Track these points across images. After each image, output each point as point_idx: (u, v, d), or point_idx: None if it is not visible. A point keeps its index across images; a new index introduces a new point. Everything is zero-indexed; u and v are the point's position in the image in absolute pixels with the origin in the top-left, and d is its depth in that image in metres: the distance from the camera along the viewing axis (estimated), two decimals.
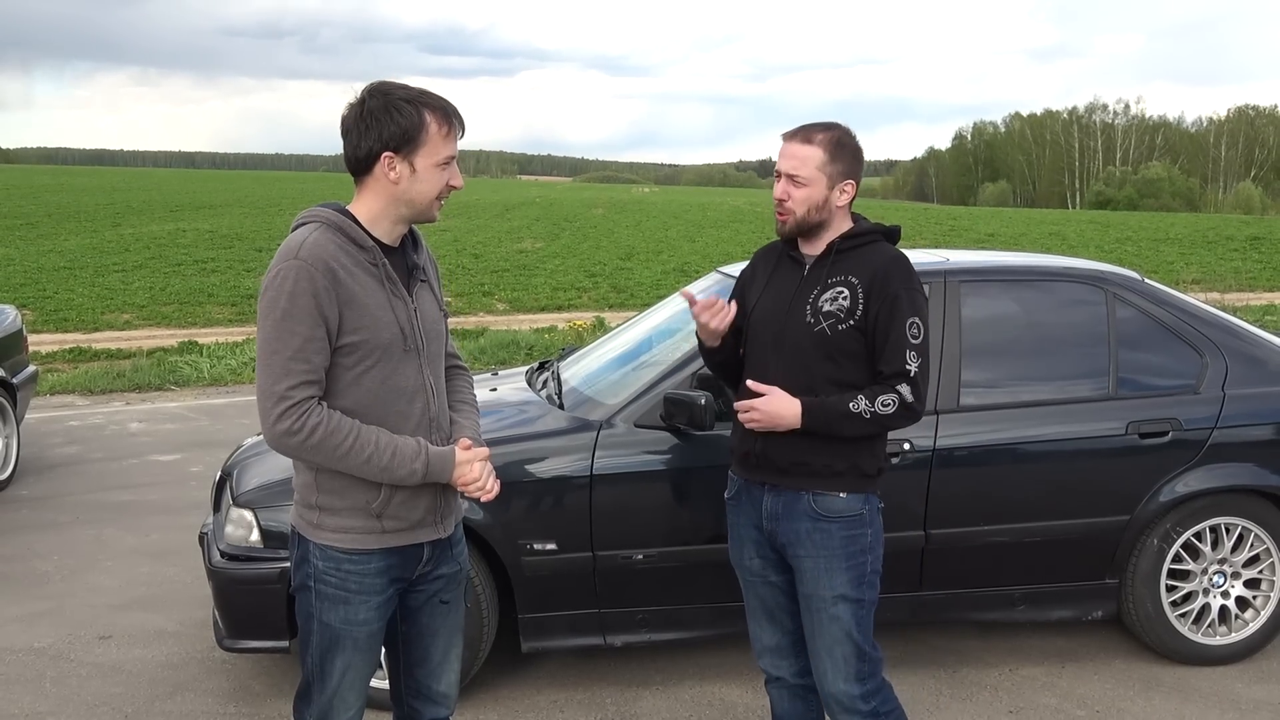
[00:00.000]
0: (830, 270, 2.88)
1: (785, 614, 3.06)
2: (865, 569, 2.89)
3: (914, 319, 2.80)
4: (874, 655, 2.93)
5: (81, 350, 13.11)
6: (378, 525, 2.48)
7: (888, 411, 2.78)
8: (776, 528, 2.94)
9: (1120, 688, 4.13)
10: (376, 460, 2.39)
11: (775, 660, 3.11)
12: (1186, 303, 4.41)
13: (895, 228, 3.01)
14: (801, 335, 2.86)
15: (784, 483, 2.90)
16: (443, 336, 2.64)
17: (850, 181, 2.89)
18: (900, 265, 2.87)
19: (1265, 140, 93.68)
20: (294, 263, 2.34)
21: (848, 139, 2.89)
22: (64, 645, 4.58)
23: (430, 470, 2.45)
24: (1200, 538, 4.22)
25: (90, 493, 6.77)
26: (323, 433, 2.34)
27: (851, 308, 2.82)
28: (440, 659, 2.75)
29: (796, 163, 2.86)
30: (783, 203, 2.91)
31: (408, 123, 2.38)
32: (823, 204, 2.87)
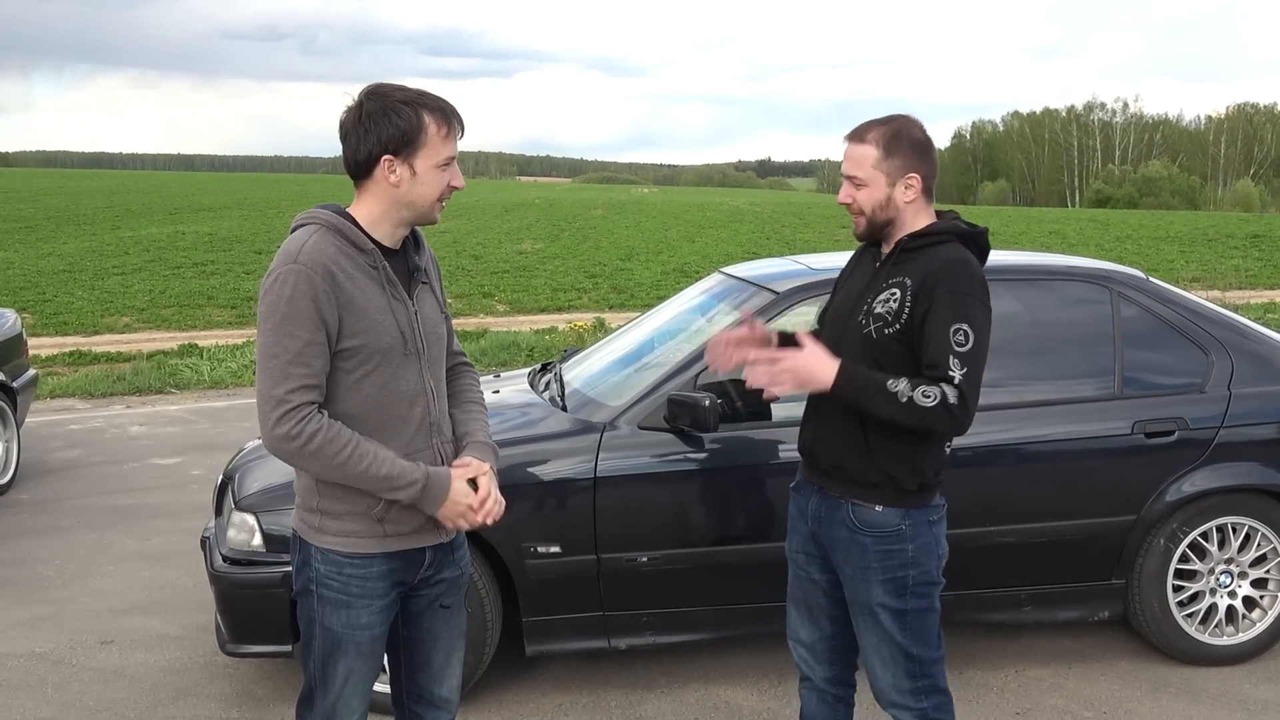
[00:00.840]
0: (890, 270, 2.77)
1: (823, 615, 2.98)
2: (907, 581, 2.77)
3: (960, 325, 2.62)
4: (926, 656, 2.82)
5: (81, 353, 13.07)
6: (380, 529, 2.46)
7: (927, 405, 2.58)
8: (819, 530, 2.88)
9: (1127, 689, 4.11)
10: (374, 471, 2.36)
11: (808, 659, 3.04)
12: (1191, 301, 4.39)
13: (980, 230, 2.82)
14: (855, 337, 2.76)
15: (825, 485, 2.84)
16: (443, 339, 2.62)
17: (913, 175, 2.73)
18: (955, 267, 2.68)
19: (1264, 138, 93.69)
20: (293, 266, 2.32)
21: (906, 130, 2.74)
22: (65, 650, 4.56)
23: (426, 492, 2.41)
24: (1207, 537, 4.20)
25: (91, 497, 6.74)
26: (321, 439, 2.33)
27: (898, 311, 2.69)
28: (442, 663, 2.73)
29: (852, 164, 2.76)
30: (849, 206, 2.80)
31: (406, 125, 2.36)
32: (886, 202, 2.74)
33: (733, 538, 3.99)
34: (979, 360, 2.64)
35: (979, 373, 2.64)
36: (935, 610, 2.85)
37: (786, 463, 3.96)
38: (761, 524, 4.00)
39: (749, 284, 4.48)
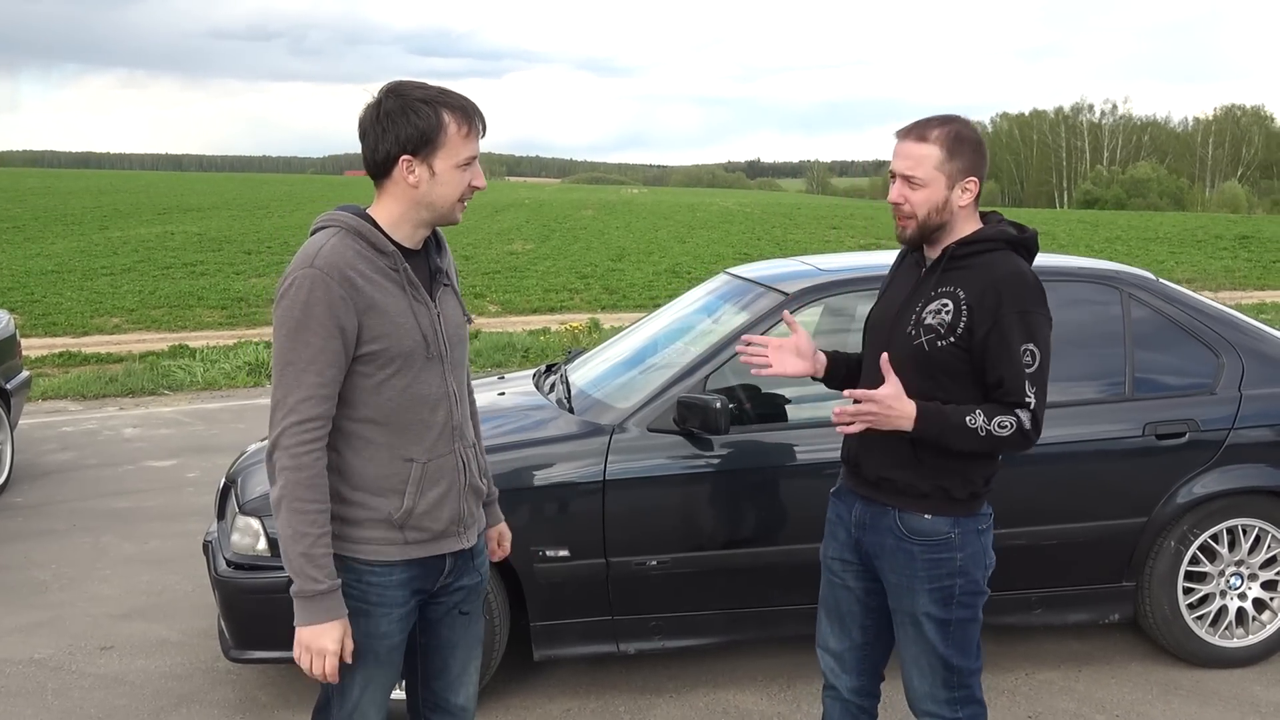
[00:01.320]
0: (940, 279, 2.68)
1: (855, 624, 2.92)
2: (954, 591, 2.72)
3: (1028, 345, 2.57)
4: (966, 666, 2.77)
5: (71, 354, 12.97)
6: (400, 536, 2.42)
7: (1003, 434, 2.56)
8: (863, 537, 2.82)
9: (1138, 691, 4.09)
10: (310, 544, 2.27)
11: (835, 668, 2.98)
12: (1201, 302, 4.37)
13: (1029, 235, 2.73)
14: (903, 347, 2.67)
15: (870, 495, 2.78)
16: (465, 342, 2.58)
17: (972, 179, 2.66)
18: (1016, 282, 2.61)
19: (1251, 139, 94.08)
20: (309, 271, 2.27)
21: (967, 131, 2.66)
22: (65, 656, 4.50)
23: (316, 600, 2.28)
24: (1217, 539, 4.19)
25: (86, 499, 6.68)
26: (308, 476, 2.27)
27: (953, 324, 2.61)
28: (459, 671, 2.69)
29: (912, 163, 2.64)
30: (899, 207, 2.69)
31: (425, 124, 2.31)
32: (943, 205, 2.65)
33: (743, 541, 3.95)
34: (1046, 374, 2.62)
35: (1046, 386, 2.62)
36: (978, 620, 2.79)
37: (799, 465, 3.94)
38: (772, 527, 3.97)
39: (756, 285, 4.44)
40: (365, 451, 2.38)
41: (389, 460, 2.39)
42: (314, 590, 2.29)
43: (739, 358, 3.00)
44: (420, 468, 2.42)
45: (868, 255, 5.11)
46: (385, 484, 2.39)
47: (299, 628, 2.32)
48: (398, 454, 2.39)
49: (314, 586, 2.29)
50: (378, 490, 2.39)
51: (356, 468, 2.38)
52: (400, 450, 2.40)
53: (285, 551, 2.30)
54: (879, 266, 4.51)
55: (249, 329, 15.72)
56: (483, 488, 2.63)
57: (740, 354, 2.94)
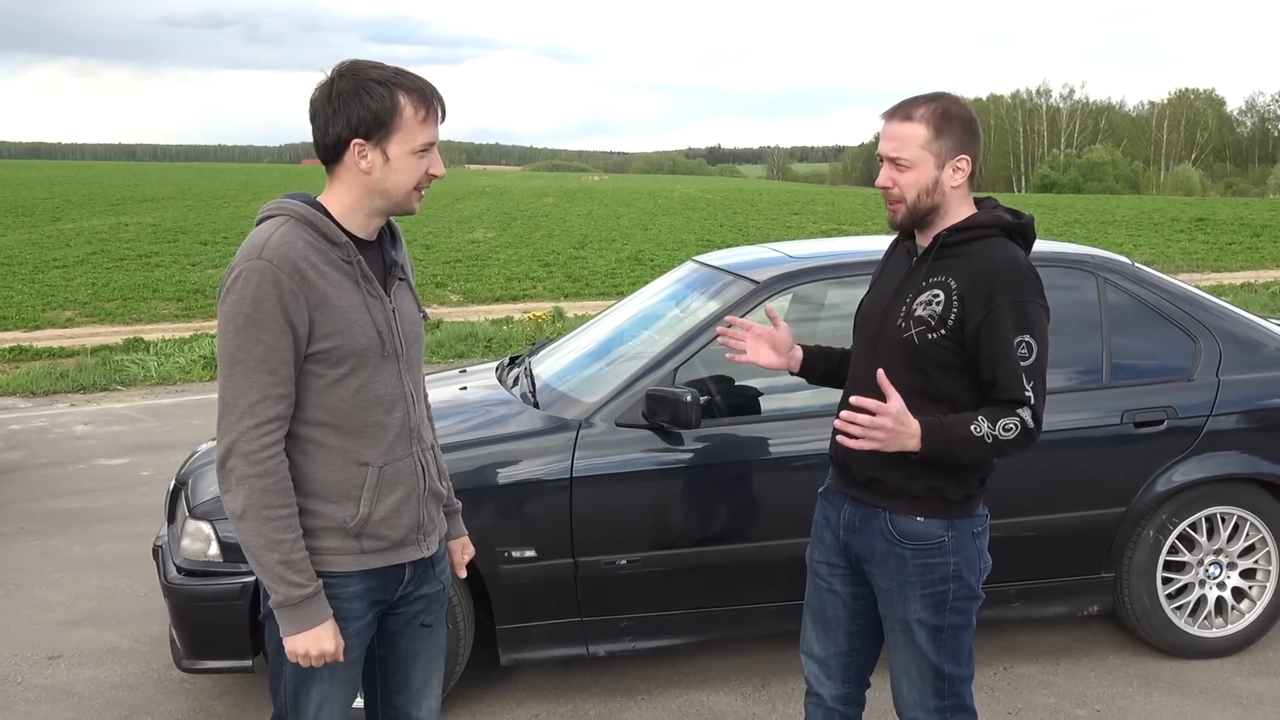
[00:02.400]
0: (931, 268, 2.54)
1: (841, 630, 2.80)
2: (947, 596, 2.60)
3: (1023, 337, 2.44)
4: (957, 674, 2.66)
5: (22, 349, 12.65)
6: (356, 545, 2.27)
7: (1009, 437, 2.44)
8: (852, 540, 2.69)
9: (1118, 684, 4.02)
10: (285, 549, 2.15)
11: (818, 674, 2.85)
12: (1177, 286, 4.29)
13: (1024, 221, 2.59)
14: (893, 340, 2.55)
15: (860, 496, 2.65)
16: (422, 339, 2.43)
17: (964, 157, 2.51)
18: (1009, 271, 2.47)
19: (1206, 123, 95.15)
20: (256, 263, 2.11)
21: (955, 108, 2.52)
22: (9, 667, 4.31)
23: (304, 605, 2.18)
24: (1196, 528, 4.12)
25: (35, 500, 6.46)
26: (274, 482, 2.14)
27: (944, 315, 2.48)
28: (420, 684, 2.55)
29: (898, 144, 2.51)
30: (889, 190, 2.56)
31: (379, 106, 2.15)
32: (933, 187, 2.51)
33: (715, 538, 3.83)
34: (1044, 366, 2.50)
35: (1044, 379, 2.51)
36: (971, 626, 2.68)
37: (772, 459, 3.82)
38: (745, 523, 3.85)
39: (726, 273, 4.32)
40: (316, 456, 2.23)
41: (342, 465, 2.25)
42: (300, 596, 2.18)
43: (717, 340, 2.89)
44: (376, 472, 2.27)
45: (838, 242, 5.00)
46: (339, 490, 2.25)
47: (290, 638, 2.20)
48: (352, 458, 2.25)
49: (299, 592, 2.18)
50: (331, 497, 2.25)
51: (307, 473, 2.23)
52: (354, 454, 2.25)
53: (260, 563, 2.16)
54: (849, 254, 4.42)
55: (205, 321, 15.42)
56: (443, 491, 2.49)
57: (719, 335, 2.84)
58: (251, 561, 2.19)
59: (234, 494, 2.15)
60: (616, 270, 21.17)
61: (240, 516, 2.15)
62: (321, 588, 2.21)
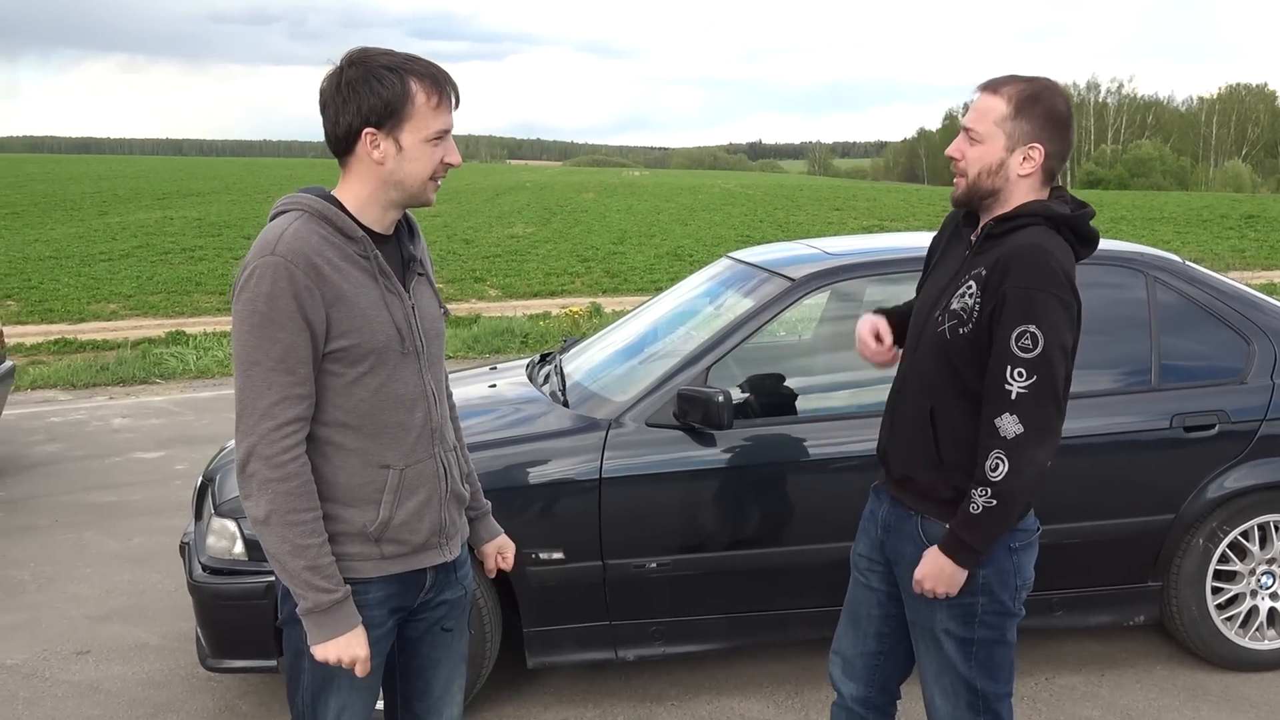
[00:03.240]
0: (971, 261, 2.43)
1: (872, 630, 2.71)
2: (975, 609, 2.49)
3: (1026, 327, 2.28)
4: (991, 690, 2.54)
5: (67, 341, 12.76)
6: (376, 550, 2.20)
7: (1000, 476, 2.30)
8: (887, 540, 2.62)
9: (1165, 697, 3.88)
10: (312, 554, 2.08)
11: (843, 673, 2.77)
12: (1230, 286, 4.15)
13: (1078, 214, 2.42)
14: (931, 335, 2.46)
15: (900, 497, 2.57)
16: (443, 336, 2.35)
17: (1036, 146, 2.36)
18: (1027, 256, 2.31)
19: (1258, 118, 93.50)
20: (271, 259, 2.04)
21: (1046, 94, 2.37)
22: (39, 662, 4.30)
23: (333, 611, 2.11)
24: (1248, 536, 3.98)
25: (71, 493, 6.48)
26: (297, 485, 2.07)
27: (972, 306, 2.37)
28: (442, 692, 2.48)
29: (977, 115, 2.39)
30: (956, 162, 2.43)
31: (390, 93, 2.07)
32: (997, 168, 2.38)
33: (747, 541, 3.74)
34: (1052, 362, 2.30)
35: (1052, 378, 2.31)
36: (1007, 643, 2.56)
37: (806, 461, 3.73)
38: (778, 527, 3.76)
39: (761, 270, 4.22)
40: (336, 459, 2.16)
41: (363, 468, 2.17)
42: (329, 602, 2.11)
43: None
44: (397, 474, 2.20)
45: (876, 238, 4.89)
46: (358, 494, 2.18)
47: (320, 646, 2.13)
48: (372, 460, 2.18)
49: (328, 598, 2.10)
50: (350, 501, 2.17)
51: (326, 476, 2.16)
52: (375, 456, 2.18)
53: (285, 569, 2.10)
54: (887, 250, 4.31)
55: None
56: (465, 494, 2.41)
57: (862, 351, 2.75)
58: (276, 568, 2.12)
59: (256, 499, 2.08)
60: (655, 266, 21.08)
61: (263, 522, 2.08)
62: (350, 593, 2.14)
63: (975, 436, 2.39)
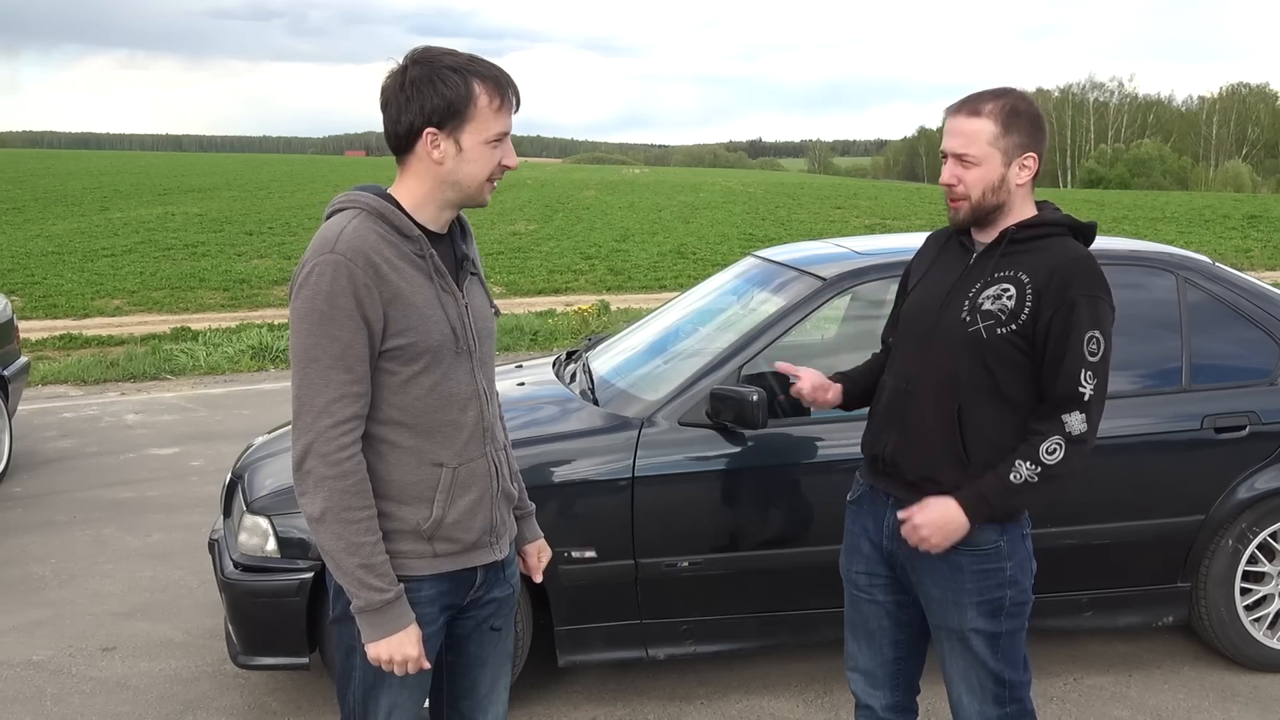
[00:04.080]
0: (999, 263, 2.49)
1: (886, 639, 2.73)
2: (1004, 602, 2.54)
3: (1094, 332, 2.40)
4: (1016, 679, 2.59)
5: (72, 337, 12.76)
6: (429, 549, 2.20)
7: (1056, 460, 2.40)
8: (898, 548, 2.61)
9: (1194, 698, 3.89)
10: (366, 552, 2.09)
11: (867, 687, 2.79)
12: (1260, 287, 4.15)
13: (1090, 224, 2.57)
14: (955, 334, 2.49)
15: (909, 499, 2.55)
16: (494, 335, 2.35)
17: (1030, 155, 2.48)
18: (1085, 266, 2.44)
19: (1258, 118, 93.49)
20: (331, 257, 2.04)
21: (1023, 105, 2.48)
22: (64, 658, 4.30)
23: (385, 610, 2.11)
24: (1276, 537, 3.98)
25: (87, 489, 6.47)
26: (354, 483, 2.08)
27: (1016, 310, 2.43)
28: (487, 690, 2.49)
29: (965, 140, 2.46)
30: (953, 188, 2.50)
31: (454, 94, 2.08)
32: (999, 184, 2.47)
33: (779, 541, 3.74)
34: (1107, 365, 2.45)
35: (1106, 378, 2.45)
36: (1025, 629, 2.61)
37: (839, 460, 3.71)
38: (810, 526, 3.75)
39: (789, 269, 4.22)
40: (390, 456, 2.16)
41: (416, 466, 2.18)
42: (382, 601, 2.11)
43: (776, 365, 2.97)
44: (450, 473, 2.20)
45: (902, 238, 4.88)
46: (412, 492, 2.18)
47: (373, 644, 2.14)
48: (426, 459, 2.18)
49: (381, 597, 2.11)
50: (404, 499, 2.18)
51: (381, 474, 2.16)
52: (429, 454, 2.18)
53: (340, 568, 2.10)
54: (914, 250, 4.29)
55: (251, 311, 15.50)
56: (514, 493, 2.42)
57: (780, 369, 2.92)
58: (331, 566, 2.12)
59: (312, 496, 2.08)
60: (659, 264, 21.07)
61: (319, 520, 2.09)
62: (403, 592, 2.15)
63: (1002, 435, 2.47)
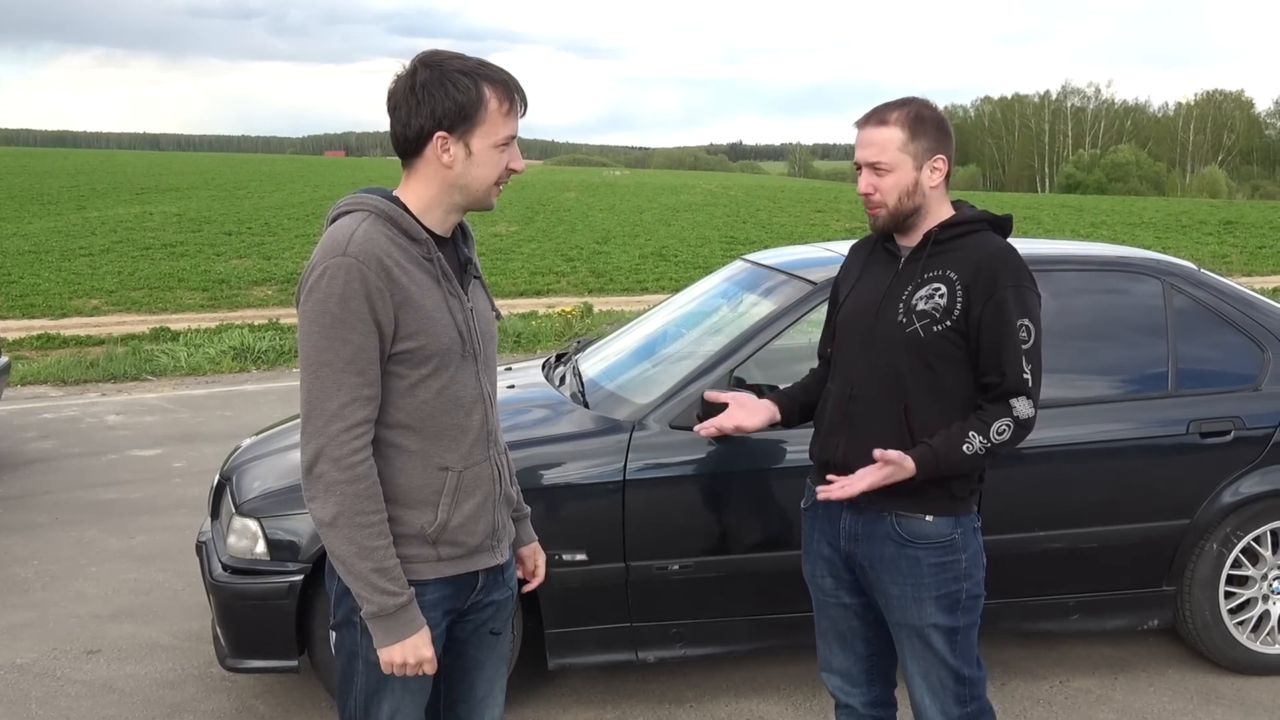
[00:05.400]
0: (926, 264, 2.57)
1: (858, 639, 2.77)
2: (960, 596, 2.59)
3: (1024, 320, 2.50)
4: (974, 675, 2.65)
5: (50, 337, 12.68)
6: (433, 553, 2.20)
7: (1004, 439, 2.50)
8: (855, 549, 2.65)
9: (1178, 700, 3.92)
10: (378, 556, 2.08)
11: (844, 686, 2.82)
12: (1244, 293, 4.19)
13: (1006, 217, 2.66)
14: (894, 336, 2.56)
15: (863, 499, 2.59)
16: (496, 339, 2.36)
17: (940, 157, 2.57)
18: (1008, 258, 2.54)
19: (1233, 125, 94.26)
20: (342, 260, 2.03)
21: (927, 111, 2.58)
22: (49, 661, 4.27)
23: (397, 615, 2.11)
24: (1260, 541, 4.01)
25: (69, 491, 6.43)
26: (365, 488, 2.07)
27: (949, 307, 2.51)
28: (484, 694, 2.48)
29: (875, 149, 2.55)
30: (870, 197, 2.58)
31: (464, 98, 2.08)
32: (914, 188, 2.56)
33: (770, 544, 3.75)
34: (1040, 352, 2.55)
35: (1041, 364, 2.55)
36: (978, 625, 2.68)
37: None
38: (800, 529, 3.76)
39: (779, 273, 4.23)
40: (397, 460, 2.16)
41: (423, 469, 2.18)
42: (395, 605, 2.11)
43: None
44: (456, 477, 2.20)
45: None
46: (418, 495, 2.18)
47: (386, 649, 2.13)
48: (432, 462, 2.18)
49: (394, 601, 2.10)
50: (409, 503, 2.17)
51: (387, 478, 2.16)
52: (435, 458, 2.18)
53: (351, 572, 2.09)
54: None
55: (230, 312, 15.44)
56: (514, 496, 2.43)
57: (700, 431, 2.97)
58: (341, 571, 2.11)
59: (323, 501, 2.07)
60: (640, 266, 21.10)
61: (330, 524, 2.08)
62: (414, 595, 2.14)
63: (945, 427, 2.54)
